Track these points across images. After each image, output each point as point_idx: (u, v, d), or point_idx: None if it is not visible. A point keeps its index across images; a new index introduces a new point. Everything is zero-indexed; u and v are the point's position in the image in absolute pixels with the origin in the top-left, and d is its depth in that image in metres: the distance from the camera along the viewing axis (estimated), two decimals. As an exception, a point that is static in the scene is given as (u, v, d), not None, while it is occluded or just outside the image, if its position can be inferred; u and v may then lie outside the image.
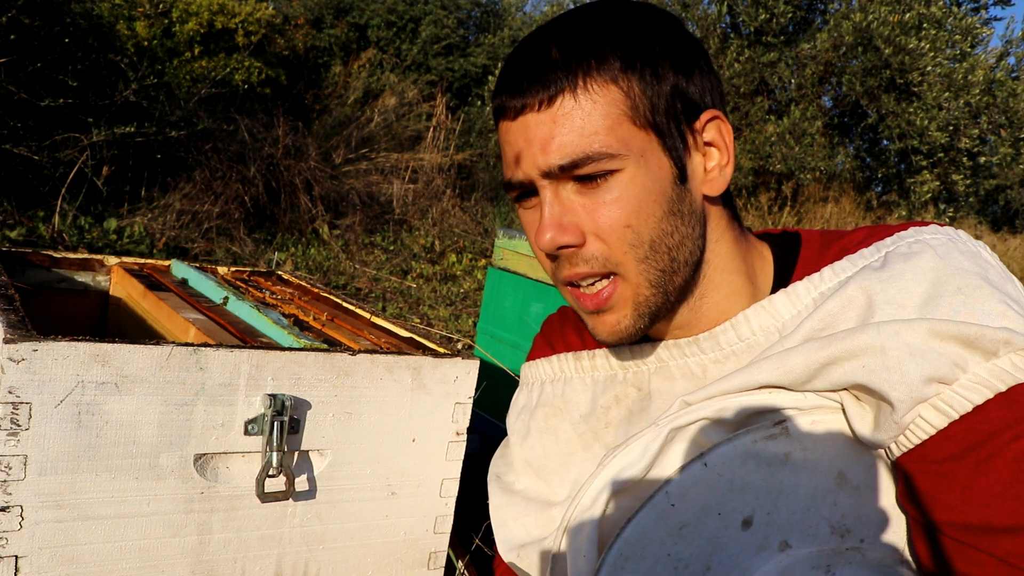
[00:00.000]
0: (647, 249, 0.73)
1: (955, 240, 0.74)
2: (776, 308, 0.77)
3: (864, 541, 0.71)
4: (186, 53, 5.67)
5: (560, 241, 0.73)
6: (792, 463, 0.71)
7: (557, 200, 0.74)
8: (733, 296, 0.81)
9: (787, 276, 0.81)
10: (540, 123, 0.72)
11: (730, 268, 0.81)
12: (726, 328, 0.80)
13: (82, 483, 0.82)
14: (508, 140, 0.75)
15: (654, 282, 0.75)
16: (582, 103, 0.70)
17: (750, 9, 7.09)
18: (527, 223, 0.80)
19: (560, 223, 0.73)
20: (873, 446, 0.69)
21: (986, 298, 0.66)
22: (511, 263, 2.40)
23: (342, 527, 1.01)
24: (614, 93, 0.71)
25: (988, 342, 0.63)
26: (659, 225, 0.73)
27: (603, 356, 0.90)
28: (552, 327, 1.02)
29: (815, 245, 0.82)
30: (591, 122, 0.70)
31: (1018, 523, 0.62)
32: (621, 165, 0.71)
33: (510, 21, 9.59)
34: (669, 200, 0.74)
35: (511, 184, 0.77)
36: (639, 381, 0.86)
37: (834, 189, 7.48)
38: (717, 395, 0.76)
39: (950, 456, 0.64)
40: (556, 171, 0.72)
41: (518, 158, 0.74)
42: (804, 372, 0.70)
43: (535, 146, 0.72)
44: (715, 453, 0.72)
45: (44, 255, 1.46)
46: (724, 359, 0.80)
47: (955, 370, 0.64)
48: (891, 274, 0.70)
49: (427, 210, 6.25)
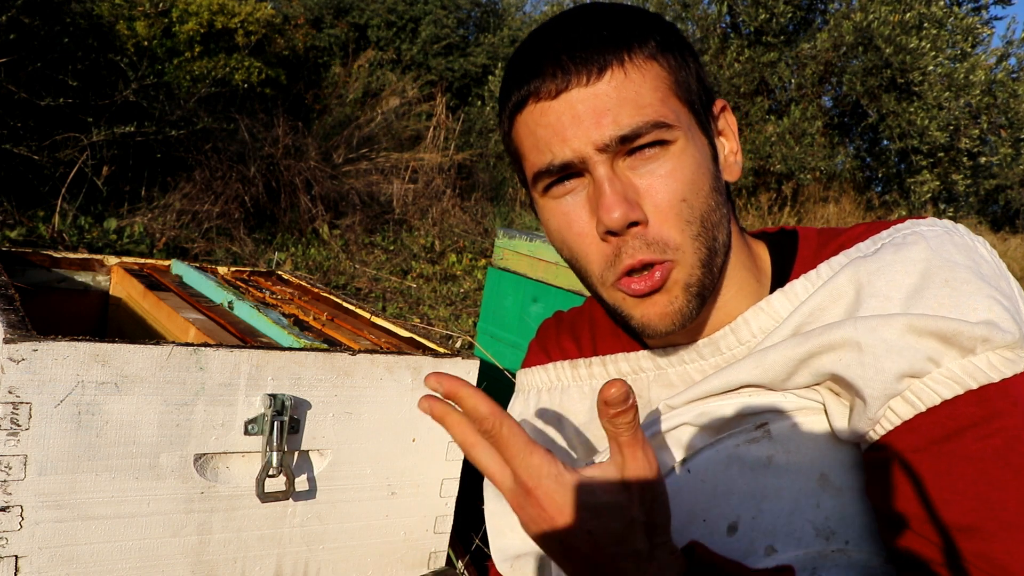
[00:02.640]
0: (699, 226, 0.72)
1: (951, 233, 0.73)
2: (775, 308, 0.77)
3: (849, 543, 0.70)
4: (186, 53, 5.67)
5: (631, 216, 0.69)
6: (775, 466, 0.70)
7: (616, 176, 0.70)
8: (741, 294, 0.80)
9: (785, 274, 0.80)
10: (590, 97, 0.69)
11: (741, 262, 0.80)
12: (726, 333, 0.79)
13: (82, 483, 0.82)
14: (546, 122, 0.71)
15: (704, 261, 0.73)
16: (632, 76, 0.69)
17: (750, 9, 7.09)
18: (563, 213, 0.75)
19: (626, 198, 0.69)
20: (851, 441, 0.69)
21: (973, 292, 0.66)
22: (511, 263, 2.40)
23: (342, 527, 1.01)
24: (656, 69, 0.71)
25: (966, 339, 0.63)
26: (707, 200, 0.72)
27: (600, 364, 0.89)
28: (548, 333, 1.02)
29: (813, 243, 0.81)
30: (644, 93, 0.69)
31: (975, 524, 0.61)
32: (675, 136, 0.70)
33: (510, 21, 9.60)
34: (712, 176, 0.74)
35: (550, 169, 0.72)
36: (638, 389, 0.85)
37: (834, 189, 7.48)
38: (698, 398, 0.75)
39: (914, 447, 0.64)
40: (615, 143, 0.69)
41: (563, 137, 0.71)
42: (783, 369, 0.69)
43: (586, 120, 0.69)
44: (698, 459, 0.71)
45: (44, 255, 1.46)
46: (725, 364, 0.79)
47: (929, 364, 0.64)
48: (880, 265, 0.70)
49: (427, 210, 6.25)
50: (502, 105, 0.77)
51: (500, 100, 0.78)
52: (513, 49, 8.83)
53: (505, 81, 0.76)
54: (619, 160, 0.71)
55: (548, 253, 2.29)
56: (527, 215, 7.23)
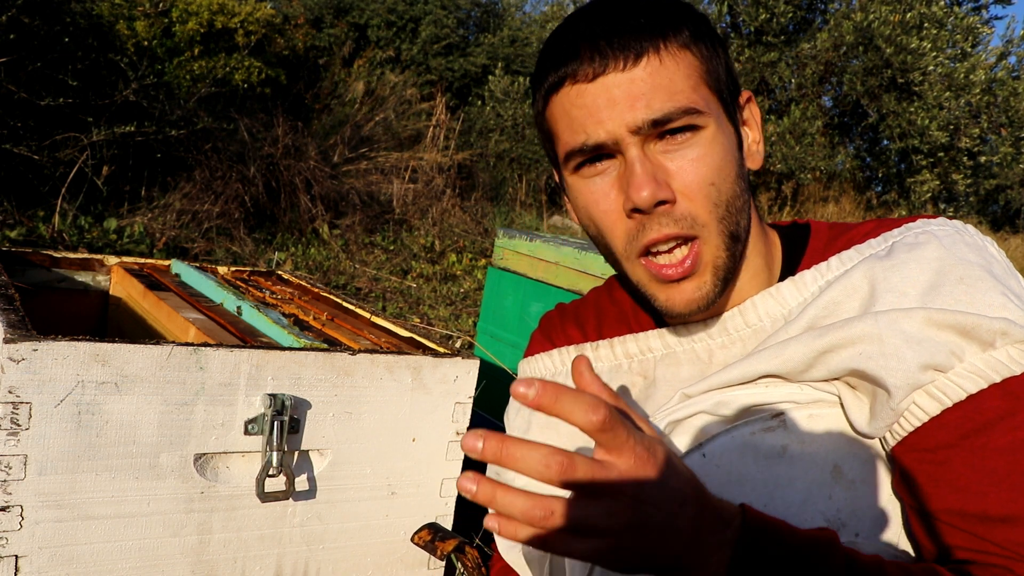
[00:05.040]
0: (724, 210, 0.74)
1: (962, 233, 0.75)
2: (783, 295, 0.78)
3: (859, 535, 0.71)
4: (186, 53, 5.67)
5: (659, 196, 0.72)
6: (789, 456, 0.71)
7: (647, 158, 0.73)
8: (754, 279, 0.82)
9: (795, 265, 0.82)
10: (626, 82, 0.72)
11: (757, 250, 0.82)
12: (734, 314, 0.81)
13: (82, 483, 0.82)
14: (581, 103, 0.74)
15: (728, 245, 0.76)
16: (667, 63, 0.72)
17: (750, 9, 7.08)
18: (591, 191, 0.77)
19: (655, 178, 0.72)
20: (869, 436, 0.70)
21: (988, 290, 0.67)
22: (511, 263, 2.40)
23: (342, 527, 1.01)
24: (689, 57, 0.73)
25: (985, 332, 0.64)
26: (733, 186, 0.75)
27: (607, 346, 0.90)
28: (552, 322, 1.02)
29: (824, 236, 0.83)
30: (677, 80, 0.72)
31: (1014, 513, 0.63)
32: (705, 123, 0.73)
33: (510, 21, 9.60)
34: (737, 163, 0.76)
35: (583, 148, 0.75)
36: (644, 369, 0.87)
37: (834, 189, 7.48)
38: (716, 387, 0.76)
39: (944, 443, 0.65)
40: (647, 126, 0.72)
41: (598, 119, 0.73)
42: (802, 361, 0.71)
43: (621, 104, 0.72)
44: (713, 444, 0.72)
45: (44, 255, 1.46)
46: (731, 344, 0.81)
47: (951, 359, 0.65)
48: (895, 263, 0.71)
49: (427, 210, 6.25)
50: (536, 85, 0.79)
51: (534, 80, 0.80)
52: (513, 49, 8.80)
53: (541, 62, 0.79)
54: (650, 143, 0.73)
55: (548, 253, 2.29)
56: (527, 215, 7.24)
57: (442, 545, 0.96)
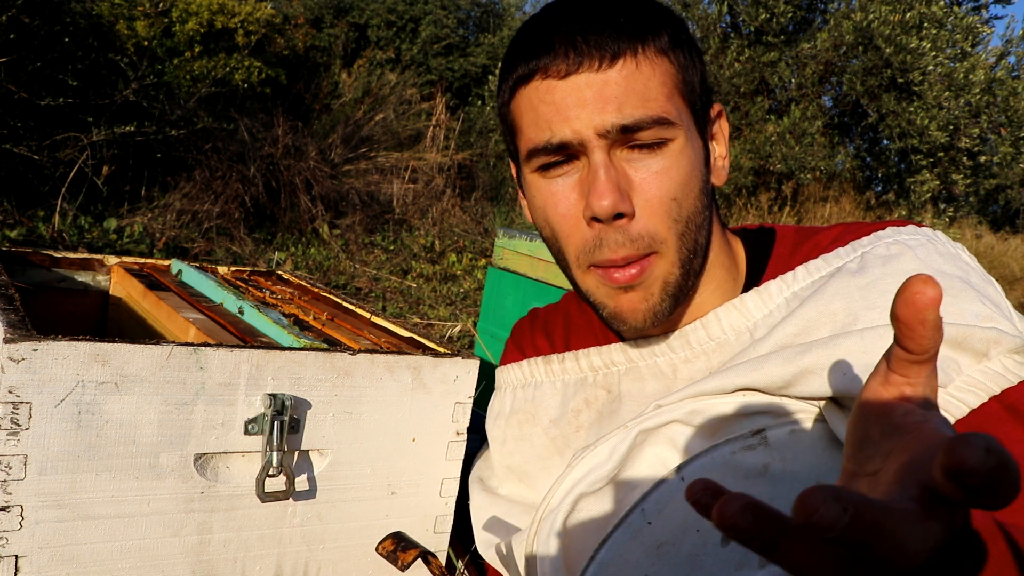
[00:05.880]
0: (684, 226, 0.72)
1: (934, 242, 0.73)
2: (747, 307, 0.76)
3: None
4: (186, 53, 5.67)
5: (620, 208, 0.69)
6: (770, 475, 0.69)
7: (612, 164, 0.70)
8: (717, 291, 0.80)
9: (760, 274, 0.80)
10: (599, 83, 0.69)
11: (719, 261, 0.80)
12: (696, 327, 0.78)
13: (82, 483, 0.82)
14: (550, 100, 0.71)
15: (684, 263, 0.73)
16: (643, 68, 0.69)
17: (750, 9, 7.08)
18: (551, 192, 0.74)
19: (618, 187, 0.69)
20: None
21: (971, 300, 0.66)
22: (511, 263, 2.40)
23: (342, 527, 1.01)
24: (666, 64, 0.71)
25: (977, 342, 0.63)
26: (695, 202, 0.72)
27: (572, 359, 0.89)
28: (522, 330, 1.01)
29: (789, 242, 0.81)
30: (651, 88, 0.69)
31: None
32: (675, 135, 0.70)
33: (510, 21, 9.59)
34: (703, 178, 0.74)
35: (547, 147, 0.72)
36: (609, 383, 0.85)
37: (834, 189, 7.48)
38: (690, 397, 0.74)
39: None
40: (616, 131, 0.69)
41: (565, 117, 0.70)
42: (781, 378, 0.69)
43: (591, 105, 0.69)
44: (693, 465, 0.70)
45: (44, 255, 1.46)
46: (694, 358, 0.78)
47: (948, 373, 0.63)
48: (870, 280, 0.69)
49: (427, 210, 6.26)
50: (505, 74, 0.76)
51: (503, 69, 0.77)
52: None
53: (512, 50, 0.75)
54: (617, 149, 0.70)
55: (548, 253, 2.28)
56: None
57: (403, 556, 0.96)
